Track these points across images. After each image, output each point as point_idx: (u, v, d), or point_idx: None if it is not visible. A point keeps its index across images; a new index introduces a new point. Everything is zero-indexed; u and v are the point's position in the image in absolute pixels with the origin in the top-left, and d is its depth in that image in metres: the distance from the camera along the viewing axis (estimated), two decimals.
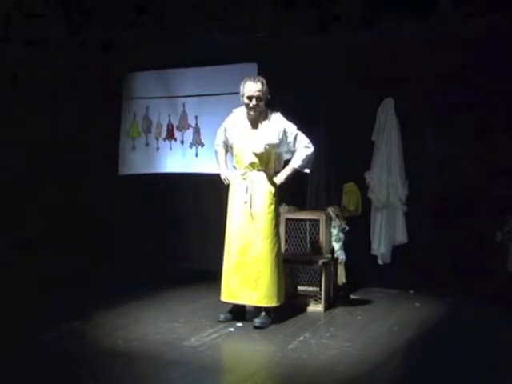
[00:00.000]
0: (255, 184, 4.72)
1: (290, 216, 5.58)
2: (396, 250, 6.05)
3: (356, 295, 5.82)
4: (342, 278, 5.87)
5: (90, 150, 7.30)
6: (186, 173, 7.05)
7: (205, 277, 6.03)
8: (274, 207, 4.75)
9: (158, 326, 4.62)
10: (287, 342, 4.29)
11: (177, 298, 5.55)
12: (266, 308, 4.72)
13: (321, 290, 5.24)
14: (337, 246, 5.54)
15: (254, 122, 4.77)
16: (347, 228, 5.62)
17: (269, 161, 4.78)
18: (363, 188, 6.11)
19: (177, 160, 7.14)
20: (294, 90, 6.15)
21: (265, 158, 4.74)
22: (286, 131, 4.74)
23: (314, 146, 4.85)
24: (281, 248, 4.91)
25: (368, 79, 6.04)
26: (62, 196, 7.16)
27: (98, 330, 4.48)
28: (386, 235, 6.04)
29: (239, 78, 4.87)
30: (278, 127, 4.74)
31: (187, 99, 7.11)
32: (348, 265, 5.79)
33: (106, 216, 7.28)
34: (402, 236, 6.00)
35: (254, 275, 4.65)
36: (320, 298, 5.24)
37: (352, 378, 3.63)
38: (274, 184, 4.77)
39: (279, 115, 4.79)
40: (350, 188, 6.14)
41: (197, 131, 7.04)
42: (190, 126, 7.09)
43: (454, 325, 4.90)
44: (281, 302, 4.74)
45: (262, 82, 4.69)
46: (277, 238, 4.77)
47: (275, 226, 4.76)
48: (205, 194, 6.74)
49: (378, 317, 5.05)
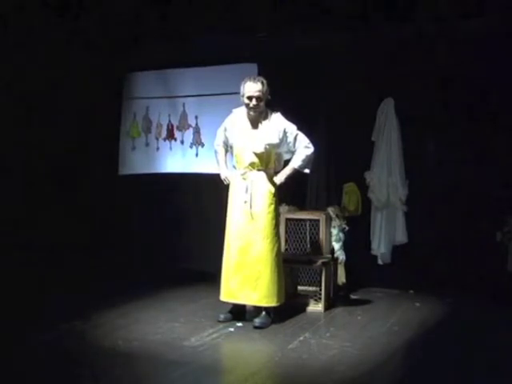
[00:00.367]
0: (255, 184, 4.73)
1: (290, 216, 5.58)
2: (396, 249, 6.05)
3: (356, 295, 5.82)
4: (342, 277, 5.87)
5: (90, 150, 7.30)
6: (186, 173, 7.04)
7: (205, 277, 6.03)
8: (273, 207, 4.75)
9: (158, 326, 4.62)
10: (287, 342, 4.29)
11: (177, 298, 5.56)
12: (266, 308, 4.72)
13: (321, 290, 5.24)
14: (337, 246, 5.55)
15: (254, 122, 4.77)
16: (347, 228, 5.62)
17: (269, 161, 4.78)
18: (363, 188, 6.11)
19: (177, 160, 7.14)
20: (293, 90, 6.15)
21: (265, 157, 4.74)
22: (286, 131, 4.75)
23: (314, 146, 4.86)
24: (281, 248, 4.91)
25: (368, 79, 6.04)
26: (62, 196, 7.15)
27: (98, 329, 4.48)
28: (386, 235, 6.04)
29: (239, 78, 4.88)
30: (279, 127, 4.74)
31: (187, 99, 7.11)
32: (348, 265, 5.79)
33: (106, 216, 7.28)
34: (402, 236, 6.00)
35: (254, 275, 4.65)
36: (320, 298, 5.25)
37: (352, 378, 3.63)
38: (274, 184, 4.77)
39: (279, 115, 4.79)
40: (350, 188, 6.14)
41: (197, 131, 7.04)
42: (190, 125, 7.09)
43: (453, 325, 4.90)
44: (281, 302, 4.74)
45: (263, 82, 4.69)
46: (277, 238, 4.77)
47: (275, 226, 4.76)
48: (205, 194, 6.74)
49: (378, 317, 5.05)
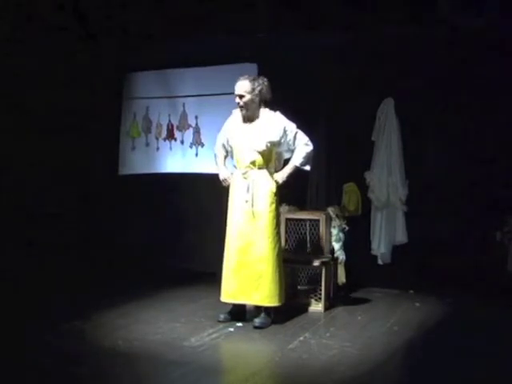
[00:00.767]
0: (256, 183, 4.72)
1: (290, 216, 5.58)
2: (396, 249, 6.05)
3: (356, 295, 5.82)
4: (342, 277, 5.86)
5: (90, 150, 7.30)
6: (186, 173, 7.04)
7: (205, 277, 6.03)
8: (274, 206, 4.74)
9: (158, 326, 4.62)
10: (287, 341, 4.30)
11: (177, 298, 5.56)
12: (266, 308, 4.72)
13: (321, 290, 5.24)
14: (337, 246, 5.54)
15: (251, 121, 4.77)
16: (347, 228, 5.62)
17: (270, 159, 4.77)
18: (363, 188, 6.11)
19: (177, 160, 7.13)
20: (294, 90, 6.15)
21: (266, 155, 4.73)
22: (285, 129, 4.75)
23: (313, 146, 4.86)
24: (281, 247, 4.90)
25: (368, 79, 6.04)
26: (62, 196, 7.15)
27: (98, 329, 4.48)
28: (386, 235, 6.04)
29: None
30: (279, 125, 4.74)
31: (187, 99, 7.11)
32: (348, 265, 5.79)
33: (106, 216, 7.28)
34: (402, 236, 6.00)
35: (256, 274, 4.64)
36: (320, 298, 5.25)
37: (352, 378, 3.63)
38: (275, 183, 4.77)
39: (279, 114, 4.79)
40: (350, 188, 6.14)
41: (197, 131, 7.04)
42: (190, 125, 7.09)
43: (453, 325, 4.90)
44: (282, 302, 4.74)
45: (253, 81, 4.68)
46: (278, 238, 4.76)
47: (276, 225, 4.75)
48: (205, 194, 6.73)
49: (378, 317, 5.05)
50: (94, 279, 6.30)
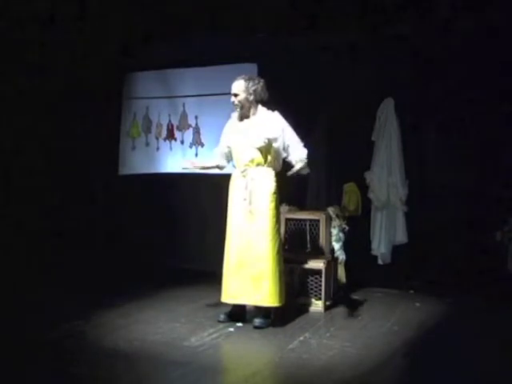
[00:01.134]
0: (255, 181, 4.71)
1: (290, 216, 5.58)
2: (396, 249, 6.05)
3: (356, 295, 5.82)
4: (342, 278, 5.87)
5: (90, 150, 7.30)
6: (186, 173, 7.01)
7: (205, 277, 6.02)
8: (274, 205, 4.72)
9: (158, 326, 4.62)
10: (287, 342, 4.29)
11: (177, 298, 5.55)
12: (266, 308, 4.71)
13: (321, 289, 5.24)
14: (337, 245, 5.54)
15: (248, 120, 4.78)
16: (347, 228, 5.62)
17: (268, 156, 4.74)
18: (363, 188, 6.12)
19: (177, 160, 7.12)
20: (294, 90, 6.15)
21: (264, 152, 4.72)
22: (283, 127, 4.73)
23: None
24: (281, 246, 4.87)
25: (368, 79, 6.04)
26: (62, 196, 7.15)
27: (97, 329, 4.48)
28: (386, 235, 6.04)
29: None
30: (276, 122, 4.72)
31: (187, 99, 7.11)
32: (348, 265, 5.79)
33: (106, 216, 7.28)
34: (402, 236, 6.00)
35: (256, 274, 4.62)
36: (320, 298, 5.25)
37: (352, 378, 3.63)
38: (275, 181, 4.76)
39: (277, 113, 4.78)
40: (350, 188, 6.15)
41: (197, 131, 7.04)
42: (190, 125, 7.09)
43: (453, 325, 4.90)
44: (282, 303, 4.72)
45: (248, 80, 4.71)
46: (277, 236, 4.74)
47: (276, 224, 4.72)
48: (205, 194, 6.74)
49: (378, 317, 5.05)
50: (93, 279, 6.30)
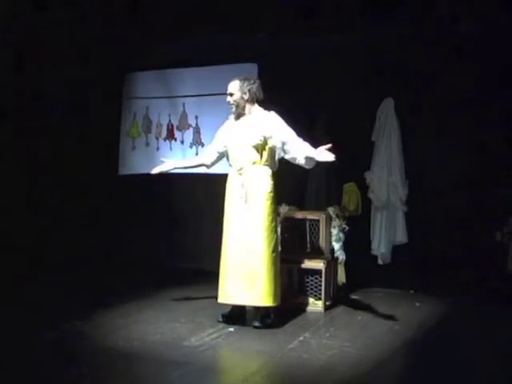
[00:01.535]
0: (251, 179, 4.70)
1: (290, 216, 5.58)
2: (396, 249, 6.05)
3: (356, 295, 5.82)
4: (342, 278, 5.87)
5: (90, 150, 7.30)
6: (186, 173, 7.02)
7: (205, 277, 6.02)
8: (270, 203, 4.70)
9: (158, 326, 4.61)
10: (287, 341, 4.29)
11: (176, 297, 5.55)
12: (266, 308, 4.71)
13: (321, 289, 5.24)
14: (337, 245, 5.55)
15: (244, 119, 4.78)
16: (347, 228, 5.62)
17: (264, 154, 4.73)
18: (363, 188, 6.12)
19: (177, 160, 7.12)
20: (294, 90, 6.15)
21: (260, 150, 4.71)
22: (278, 124, 4.71)
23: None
24: (278, 245, 4.83)
25: (368, 79, 6.04)
26: (62, 196, 7.15)
27: (97, 329, 4.47)
28: (386, 235, 6.04)
29: None
30: (271, 120, 4.72)
31: (187, 99, 7.11)
32: (348, 265, 5.79)
33: (105, 216, 7.28)
34: (402, 236, 6.00)
35: (251, 273, 4.60)
36: (320, 298, 5.25)
37: (352, 378, 3.63)
38: (271, 180, 4.74)
39: (273, 112, 4.78)
40: (350, 188, 6.15)
41: (197, 131, 7.05)
42: (190, 125, 7.10)
43: (453, 325, 4.90)
44: (277, 303, 4.69)
45: (243, 80, 4.74)
46: (273, 235, 4.70)
47: (271, 223, 4.69)
48: (205, 194, 6.74)
49: (378, 317, 5.05)
50: (93, 279, 6.30)
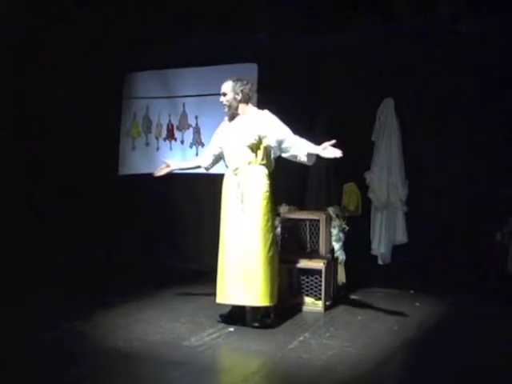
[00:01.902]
0: (247, 179, 4.69)
1: (291, 216, 5.58)
2: (396, 249, 6.05)
3: (356, 295, 5.82)
4: (342, 278, 5.87)
5: (90, 150, 7.30)
6: (186, 173, 7.02)
7: (205, 277, 6.01)
8: (266, 203, 4.68)
9: (158, 326, 4.62)
10: (287, 341, 4.29)
11: (177, 298, 5.55)
12: (266, 308, 4.71)
13: (321, 289, 5.24)
14: (337, 245, 5.55)
15: (238, 119, 4.79)
16: (347, 228, 5.62)
17: (259, 154, 4.72)
18: (363, 188, 6.11)
19: (177, 160, 7.11)
20: (294, 90, 6.15)
21: (255, 150, 4.71)
22: (274, 125, 4.71)
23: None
24: (275, 245, 4.81)
25: (368, 79, 6.04)
26: (62, 196, 7.15)
27: (97, 329, 4.48)
28: (386, 235, 6.04)
29: None
30: (265, 118, 4.71)
31: (187, 99, 7.11)
32: (348, 265, 5.79)
33: (105, 216, 7.28)
34: (402, 236, 6.00)
35: (247, 272, 4.59)
36: (320, 298, 5.25)
37: (352, 378, 3.63)
38: (267, 179, 4.74)
39: (266, 111, 4.78)
40: (350, 188, 6.14)
41: (197, 131, 7.05)
42: (190, 125, 7.10)
43: (453, 325, 4.90)
44: (274, 303, 4.68)
45: (236, 81, 4.76)
46: (270, 235, 4.68)
47: (267, 222, 4.67)
48: (205, 194, 6.73)
49: (378, 317, 5.05)
50: (93, 279, 6.30)
